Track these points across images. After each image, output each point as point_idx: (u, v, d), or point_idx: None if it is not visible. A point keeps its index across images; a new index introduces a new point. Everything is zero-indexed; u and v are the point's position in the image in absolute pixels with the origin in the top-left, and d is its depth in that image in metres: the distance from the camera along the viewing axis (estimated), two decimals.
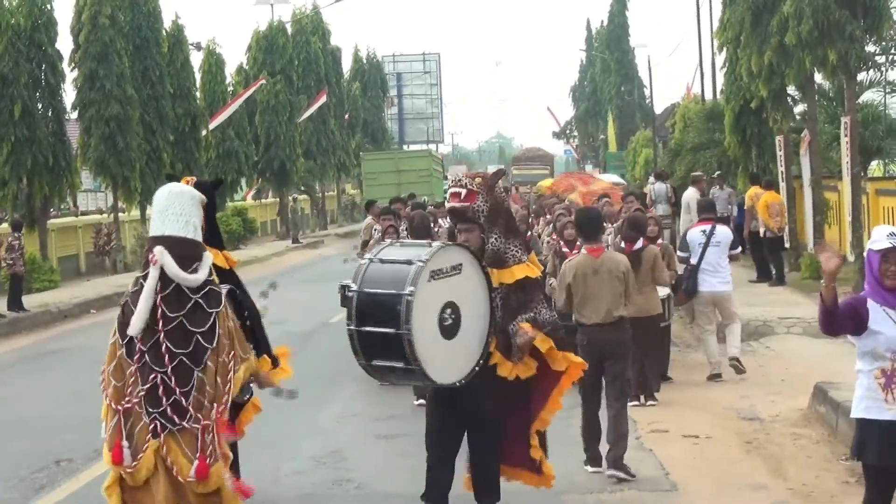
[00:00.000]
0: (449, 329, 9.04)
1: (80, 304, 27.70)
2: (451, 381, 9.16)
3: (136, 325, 7.90)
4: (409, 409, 14.29)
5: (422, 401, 14.18)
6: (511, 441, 9.50)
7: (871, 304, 7.28)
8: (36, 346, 22.64)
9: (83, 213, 50.24)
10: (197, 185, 9.24)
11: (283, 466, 11.67)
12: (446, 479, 9.41)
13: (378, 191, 40.10)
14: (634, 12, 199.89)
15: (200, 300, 8.05)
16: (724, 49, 28.77)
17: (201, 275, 8.15)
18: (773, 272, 24.98)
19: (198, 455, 7.86)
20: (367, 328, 8.84)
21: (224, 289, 8.36)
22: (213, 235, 9.72)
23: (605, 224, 15.95)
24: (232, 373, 8.07)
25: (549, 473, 9.65)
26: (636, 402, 13.95)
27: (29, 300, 26.72)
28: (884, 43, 25.28)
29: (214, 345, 7.99)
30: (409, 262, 8.96)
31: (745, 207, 25.98)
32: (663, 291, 15.26)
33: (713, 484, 10.68)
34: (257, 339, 9.36)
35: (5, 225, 26.32)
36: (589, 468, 11.30)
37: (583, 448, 11.39)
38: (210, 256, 8.38)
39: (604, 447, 11.22)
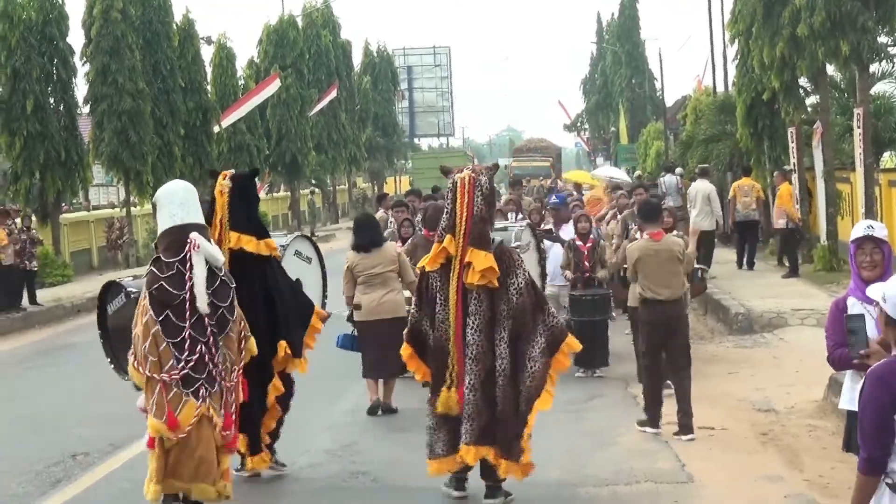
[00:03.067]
0: None
1: (92, 298, 27.24)
2: None
3: (203, 302, 8.90)
4: (424, 403, 14.27)
5: None
6: (504, 422, 9.67)
7: (851, 301, 7.46)
8: (50, 341, 22.70)
9: (95, 208, 50.25)
10: (234, 177, 10.56)
11: (298, 460, 11.67)
12: None
13: (424, 182, 42.63)
14: (645, 4, 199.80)
15: (224, 278, 9.18)
16: (736, 41, 28.69)
17: (221, 255, 9.32)
18: (787, 264, 25.05)
19: (223, 412, 9.05)
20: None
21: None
22: (255, 223, 10.75)
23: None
24: (245, 341, 9.39)
25: (527, 464, 9.74)
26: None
27: (42, 295, 26.82)
28: None
29: (234, 316, 9.21)
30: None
31: (728, 198, 26.09)
32: None
33: (729, 476, 10.66)
34: (289, 326, 10.69)
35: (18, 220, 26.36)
36: (648, 429, 12.28)
37: (644, 411, 12.48)
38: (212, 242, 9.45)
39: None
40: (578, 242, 15.83)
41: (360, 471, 11.31)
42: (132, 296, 10.08)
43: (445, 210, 9.88)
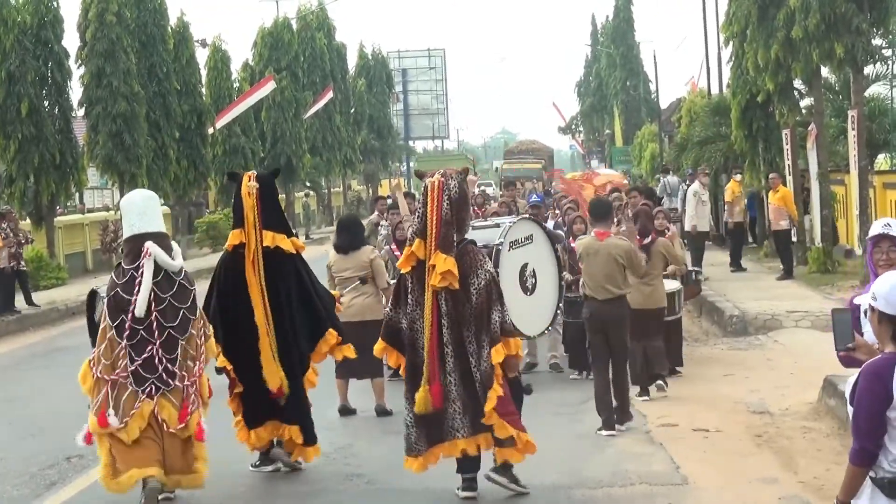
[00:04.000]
0: (528, 287, 11.47)
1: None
2: (527, 334, 11.63)
3: (141, 307, 9.71)
4: None
5: None
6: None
7: (862, 299, 7.35)
8: (45, 343, 22.70)
9: (90, 211, 50.32)
10: (259, 178, 10.96)
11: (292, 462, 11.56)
12: None
13: None
14: (639, 6, 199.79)
15: (182, 281, 10.00)
16: (731, 43, 28.72)
17: (179, 261, 10.08)
18: (782, 266, 25.07)
19: (182, 405, 9.81)
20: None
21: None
22: (280, 221, 11.15)
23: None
24: (205, 339, 10.10)
25: (524, 443, 9.96)
26: (645, 397, 14.12)
27: (37, 297, 26.80)
28: (890, 36, 25.36)
29: (196, 315, 10.02)
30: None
31: (727, 201, 26.16)
32: (673, 285, 15.35)
33: (724, 478, 10.68)
34: (329, 315, 11.23)
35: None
36: (603, 433, 12.39)
37: (598, 413, 12.58)
38: (176, 245, 10.35)
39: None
40: (573, 244, 15.85)
41: (355, 473, 11.30)
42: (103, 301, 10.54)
43: (416, 213, 10.06)
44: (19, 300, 25.80)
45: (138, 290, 9.72)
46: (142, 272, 9.75)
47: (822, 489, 10.00)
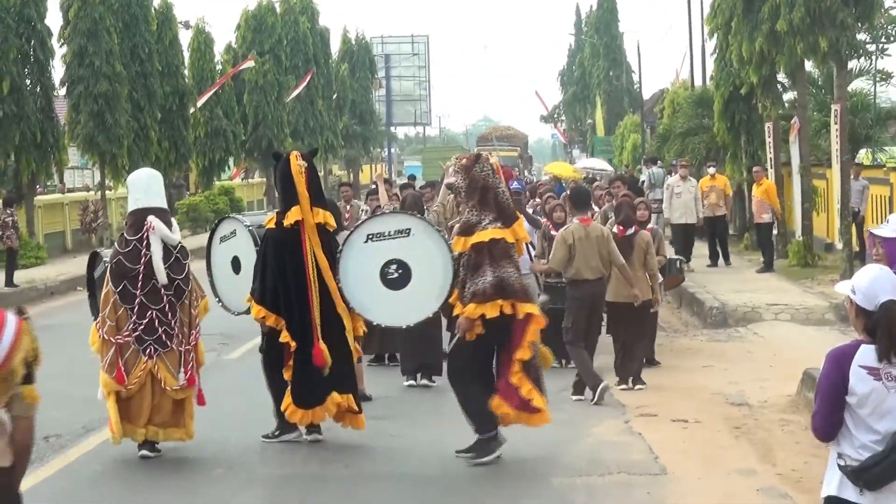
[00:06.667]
0: (393, 282, 11.32)
1: (66, 280, 27.69)
2: (396, 325, 11.89)
3: (161, 277, 10.80)
4: (398, 391, 14.55)
5: (411, 381, 14.79)
6: (503, 382, 10.79)
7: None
8: None
9: (70, 190, 50.29)
10: (305, 157, 11.50)
11: (270, 446, 11.79)
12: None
13: (431, 171, 48.12)
14: None
15: (178, 255, 11.03)
16: (715, 35, 28.93)
17: (177, 235, 11.15)
18: (763, 259, 25.19)
19: (182, 368, 10.98)
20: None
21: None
22: (323, 199, 11.69)
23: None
24: (197, 307, 11.21)
25: (544, 410, 10.85)
26: (625, 386, 14.28)
27: (16, 276, 26.70)
28: (875, 31, 25.54)
29: (189, 287, 11.10)
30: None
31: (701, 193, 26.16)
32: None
33: (702, 468, 10.75)
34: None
35: None
36: (582, 396, 13.68)
37: (584, 381, 13.62)
38: (175, 221, 11.41)
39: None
40: (553, 232, 15.88)
41: (332, 458, 11.36)
42: (107, 266, 11.44)
43: (491, 193, 10.85)
44: None
45: (144, 262, 10.79)
46: (146, 243, 10.82)
47: (800, 482, 10.05)
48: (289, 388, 11.39)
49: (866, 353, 5.84)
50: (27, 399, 5.28)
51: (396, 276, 11.34)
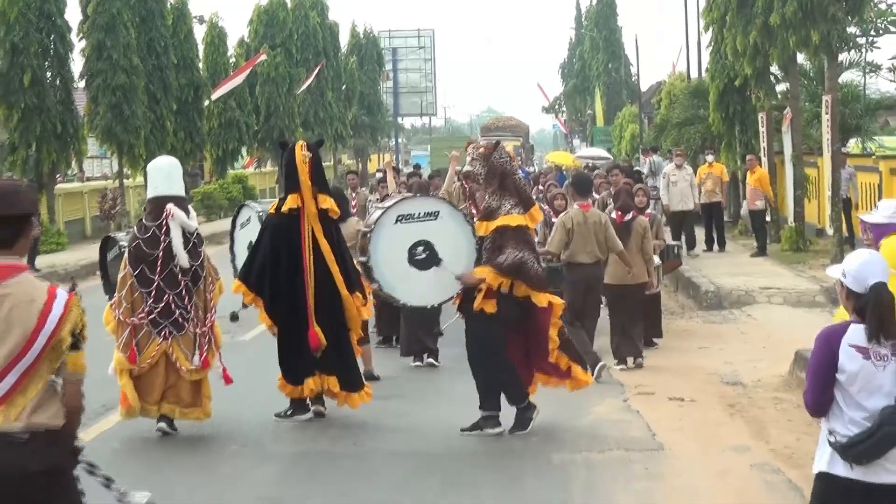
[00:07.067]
0: (420, 262, 11.57)
1: (85, 265, 27.79)
2: (421, 304, 12.10)
3: (184, 261, 11.13)
4: (404, 371, 14.72)
5: (418, 362, 14.91)
6: (536, 353, 11.43)
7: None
8: None
9: (89, 179, 50.59)
10: (310, 147, 11.76)
11: (281, 424, 11.97)
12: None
13: (441, 160, 47.70)
14: None
15: (195, 241, 11.27)
16: (710, 29, 29.12)
17: (194, 222, 11.40)
18: (756, 243, 25.53)
19: (198, 351, 11.20)
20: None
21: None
22: (327, 186, 11.99)
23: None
24: (213, 291, 11.43)
25: (580, 377, 11.46)
26: (623, 366, 14.56)
27: (37, 262, 27.27)
28: (864, 24, 25.57)
29: (204, 272, 11.32)
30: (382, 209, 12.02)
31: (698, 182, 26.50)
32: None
33: (698, 445, 10.89)
34: (356, 278, 11.98)
35: None
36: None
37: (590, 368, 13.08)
38: (192, 209, 11.67)
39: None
40: (554, 219, 15.87)
41: (341, 435, 11.52)
42: (123, 249, 12.18)
43: (510, 179, 11.35)
44: None
45: (163, 247, 11.09)
46: (166, 230, 11.10)
47: (792, 457, 10.22)
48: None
49: (856, 332, 5.93)
50: (71, 366, 5.50)
51: (423, 257, 11.57)
